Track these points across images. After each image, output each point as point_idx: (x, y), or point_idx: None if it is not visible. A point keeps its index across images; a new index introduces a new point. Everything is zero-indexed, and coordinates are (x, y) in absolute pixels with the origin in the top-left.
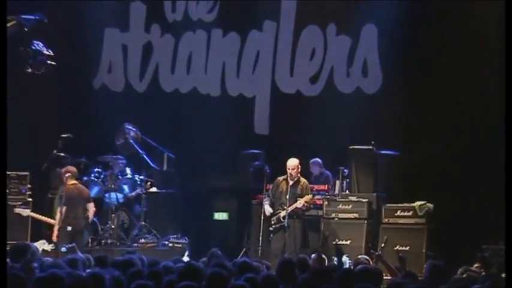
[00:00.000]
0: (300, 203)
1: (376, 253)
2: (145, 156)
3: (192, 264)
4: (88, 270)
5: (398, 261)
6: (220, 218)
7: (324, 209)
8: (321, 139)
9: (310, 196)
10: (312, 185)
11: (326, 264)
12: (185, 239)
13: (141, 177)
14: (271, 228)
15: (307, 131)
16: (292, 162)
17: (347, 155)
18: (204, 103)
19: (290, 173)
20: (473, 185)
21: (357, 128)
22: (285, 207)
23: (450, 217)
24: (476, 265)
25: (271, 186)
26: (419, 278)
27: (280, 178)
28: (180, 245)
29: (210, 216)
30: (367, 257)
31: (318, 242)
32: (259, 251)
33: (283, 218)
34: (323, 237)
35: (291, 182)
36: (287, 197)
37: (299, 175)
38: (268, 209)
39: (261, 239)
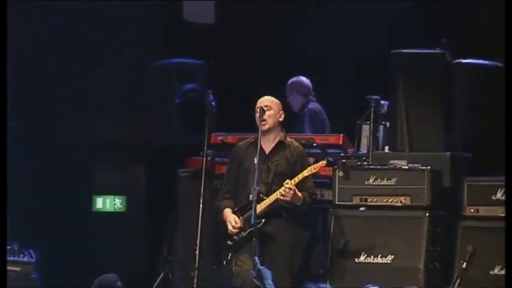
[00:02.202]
0: (286, 189)
1: None
2: None
3: None
4: None
5: None
6: (109, 209)
7: (336, 186)
8: (335, 37)
9: (316, 165)
10: (307, 136)
11: None
12: (30, 256)
13: None
14: (229, 242)
15: (301, 20)
16: (267, 101)
17: (387, 69)
18: None
19: (263, 121)
20: None
21: (408, 9)
22: (263, 196)
23: None
24: None
25: (229, 159)
26: None
27: (244, 143)
28: (18, 268)
29: (86, 205)
30: None
31: (323, 260)
32: (195, 278)
33: (255, 221)
34: (333, 250)
35: (267, 147)
36: (258, 176)
37: (283, 132)
38: (233, 219)
39: (198, 251)
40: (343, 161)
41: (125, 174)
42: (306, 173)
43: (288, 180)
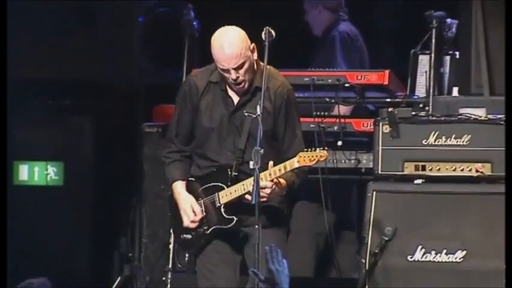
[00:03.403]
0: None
1: None
2: None
3: None
4: None
5: None
6: (39, 182)
7: (380, 148)
8: None
9: (313, 155)
10: (334, 72)
11: None
12: None
13: None
14: (186, 236)
15: None
16: (232, 58)
17: None
18: None
19: (239, 84)
20: None
21: None
22: (232, 173)
23: None
24: None
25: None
26: None
27: (200, 78)
28: None
29: (5, 176)
30: None
31: (359, 258)
32: (169, 284)
33: (225, 209)
34: (374, 243)
35: (235, 95)
36: (261, 131)
37: (256, 63)
38: (190, 206)
39: (172, 244)
40: (390, 109)
41: (61, 130)
42: (295, 163)
43: (263, 173)
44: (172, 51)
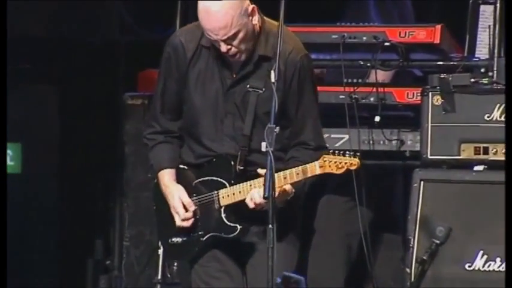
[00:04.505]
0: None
1: None
2: None
3: None
4: None
5: None
6: None
7: (429, 126)
8: None
9: (342, 161)
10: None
11: None
12: None
13: None
14: (175, 240)
15: None
16: (221, 28)
17: None
18: None
19: (234, 55)
20: None
21: None
22: (237, 167)
23: None
24: None
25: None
26: None
27: (188, 39)
28: None
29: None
30: None
31: (404, 265)
32: None
33: (226, 214)
34: (422, 245)
35: (234, 67)
36: (275, 103)
37: (258, 28)
38: (179, 202)
39: (162, 249)
40: (443, 76)
41: (18, 102)
42: (317, 168)
43: (276, 175)
44: (158, 4)
